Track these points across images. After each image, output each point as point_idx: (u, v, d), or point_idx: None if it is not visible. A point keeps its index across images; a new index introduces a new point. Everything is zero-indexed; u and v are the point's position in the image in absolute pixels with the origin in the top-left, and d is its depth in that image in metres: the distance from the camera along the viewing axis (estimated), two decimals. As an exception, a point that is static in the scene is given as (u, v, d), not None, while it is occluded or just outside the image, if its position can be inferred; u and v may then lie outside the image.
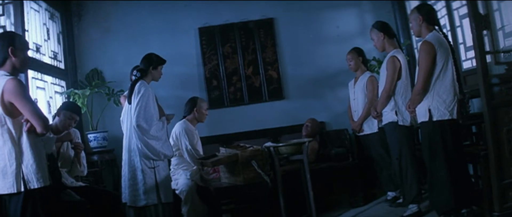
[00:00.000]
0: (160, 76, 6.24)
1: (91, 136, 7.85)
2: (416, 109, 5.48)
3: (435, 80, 5.26)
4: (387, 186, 6.89)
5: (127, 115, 6.04)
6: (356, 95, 7.20)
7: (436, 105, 5.25)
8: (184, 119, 6.80)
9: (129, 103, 5.97)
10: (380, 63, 7.78)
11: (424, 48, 5.27)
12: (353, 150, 7.52)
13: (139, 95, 5.87)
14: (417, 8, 5.50)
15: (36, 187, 4.00)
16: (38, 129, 3.97)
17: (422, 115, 5.38)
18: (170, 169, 6.66)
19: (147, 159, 5.87)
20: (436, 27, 5.44)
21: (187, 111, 6.86)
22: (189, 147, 6.51)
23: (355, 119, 7.15)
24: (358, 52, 7.16)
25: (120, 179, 6.16)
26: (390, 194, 6.89)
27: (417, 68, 5.44)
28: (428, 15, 5.42)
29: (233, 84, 8.87)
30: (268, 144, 6.16)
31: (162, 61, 6.20)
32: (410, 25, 5.66)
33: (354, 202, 7.01)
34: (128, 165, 5.96)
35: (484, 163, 5.22)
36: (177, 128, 6.70)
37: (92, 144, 7.82)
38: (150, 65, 6.11)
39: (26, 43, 4.30)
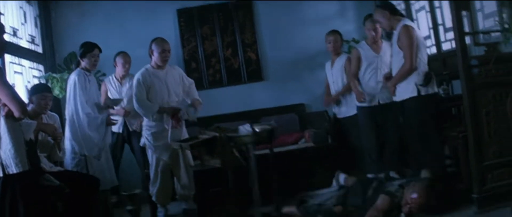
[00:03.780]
0: (92, 64, 6.15)
1: (69, 120, 7.76)
2: (399, 86, 5.73)
3: (418, 57, 5.57)
4: (367, 168, 6.92)
5: None
6: (335, 77, 7.21)
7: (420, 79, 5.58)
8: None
9: None
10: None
11: (406, 31, 5.53)
12: (333, 132, 7.51)
13: (68, 86, 5.97)
14: (381, 7, 5.86)
15: (14, 172, 3.95)
16: (16, 114, 3.91)
17: (409, 91, 5.62)
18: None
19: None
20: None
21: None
22: (135, 105, 6.32)
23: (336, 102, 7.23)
24: (340, 34, 7.14)
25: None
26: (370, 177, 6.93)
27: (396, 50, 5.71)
28: (391, 8, 5.83)
29: (212, 66, 8.84)
30: (246, 126, 6.09)
31: (89, 49, 6.13)
32: (379, 24, 6.12)
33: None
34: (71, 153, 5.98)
35: (464, 145, 5.25)
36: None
37: (71, 128, 7.74)
38: (79, 54, 6.11)
39: (2, 27, 4.22)
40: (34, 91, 5.69)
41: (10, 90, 3.94)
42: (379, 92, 6.45)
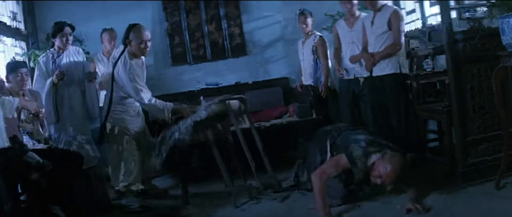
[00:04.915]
0: (64, 43, 5.98)
1: (52, 97, 7.68)
2: (380, 62, 5.97)
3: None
4: None
5: None
6: (305, 56, 7.38)
7: (402, 60, 6.01)
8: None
9: None
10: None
11: (398, 15, 5.90)
12: (317, 106, 7.52)
13: None
14: None
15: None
16: None
17: (391, 68, 5.93)
18: None
19: None
20: None
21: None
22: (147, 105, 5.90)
23: (304, 80, 7.53)
24: (310, 14, 7.28)
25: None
26: None
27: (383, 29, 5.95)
28: None
29: (196, 40, 8.77)
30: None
31: (59, 28, 5.97)
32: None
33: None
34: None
35: (448, 119, 5.27)
36: None
37: (54, 105, 7.67)
38: (51, 34, 6.01)
39: None
40: (9, 69, 5.57)
41: None
42: (354, 67, 6.56)
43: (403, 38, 5.99)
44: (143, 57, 6.03)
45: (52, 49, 5.96)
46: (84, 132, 6.15)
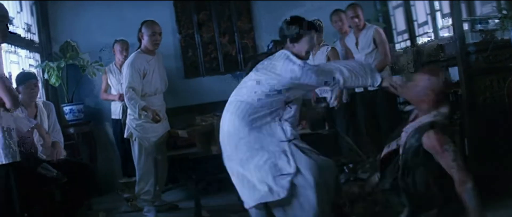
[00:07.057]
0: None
1: (66, 109, 7.74)
2: None
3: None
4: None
5: None
6: None
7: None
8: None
9: None
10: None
11: (382, 32, 6.70)
12: (330, 118, 7.52)
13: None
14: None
15: (4, 162, 3.96)
16: (7, 104, 3.92)
17: None
18: None
19: None
20: None
21: None
22: (125, 92, 5.98)
23: (319, 92, 7.51)
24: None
25: (96, 151, 6.13)
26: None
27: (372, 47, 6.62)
28: None
29: (209, 53, 8.79)
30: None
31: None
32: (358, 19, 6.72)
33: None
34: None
35: (460, 131, 5.24)
36: None
37: (68, 116, 7.72)
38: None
39: (5, 12, 4.20)
40: (20, 81, 5.53)
41: (3, 81, 3.93)
42: None
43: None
44: (158, 56, 6.30)
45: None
46: None
